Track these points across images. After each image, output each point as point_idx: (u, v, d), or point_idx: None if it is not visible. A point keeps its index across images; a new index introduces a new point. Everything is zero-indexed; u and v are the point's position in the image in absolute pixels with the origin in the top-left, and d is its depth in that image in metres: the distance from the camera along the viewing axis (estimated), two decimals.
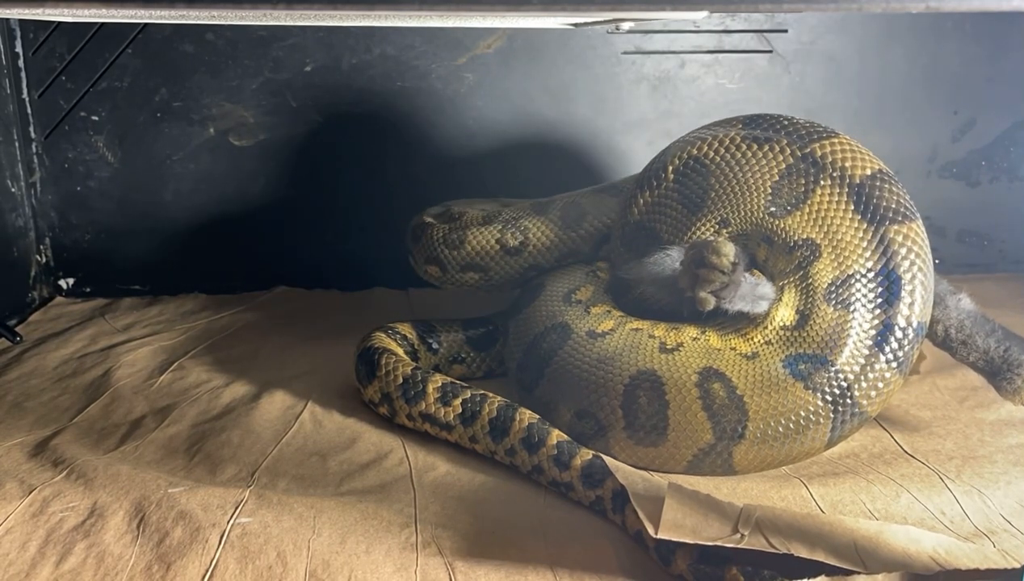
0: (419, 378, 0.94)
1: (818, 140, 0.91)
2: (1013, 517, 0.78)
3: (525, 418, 0.87)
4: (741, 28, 1.40)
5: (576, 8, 0.59)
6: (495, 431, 0.87)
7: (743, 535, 0.68)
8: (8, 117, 1.33)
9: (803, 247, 0.87)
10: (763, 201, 0.90)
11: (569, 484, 0.82)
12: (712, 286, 0.84)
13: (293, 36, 1.35)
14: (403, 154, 1.40)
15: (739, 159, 0.92)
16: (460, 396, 0.91)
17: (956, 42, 1.42)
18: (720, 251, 0.83)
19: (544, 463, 0.83)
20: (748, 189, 0.91)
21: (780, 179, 0.90)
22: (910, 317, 0.85)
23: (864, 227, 0.87)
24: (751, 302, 0.86)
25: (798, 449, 0.84)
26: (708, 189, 0.92)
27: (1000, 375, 0.87)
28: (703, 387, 0.84)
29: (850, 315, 0.85)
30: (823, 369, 0.84)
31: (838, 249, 0.86)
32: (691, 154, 0.95)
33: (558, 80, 1.40)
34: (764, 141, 0.92)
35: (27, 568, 0.71)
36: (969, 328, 0.89)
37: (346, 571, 0.70)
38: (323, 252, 1.44)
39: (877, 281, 0.86)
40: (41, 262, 1.41)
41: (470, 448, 0.90)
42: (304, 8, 0.62)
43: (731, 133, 0.94)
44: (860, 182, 0.88)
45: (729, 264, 0.83)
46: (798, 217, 0.88)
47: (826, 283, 0.86)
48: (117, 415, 0.99)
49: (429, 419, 0.92)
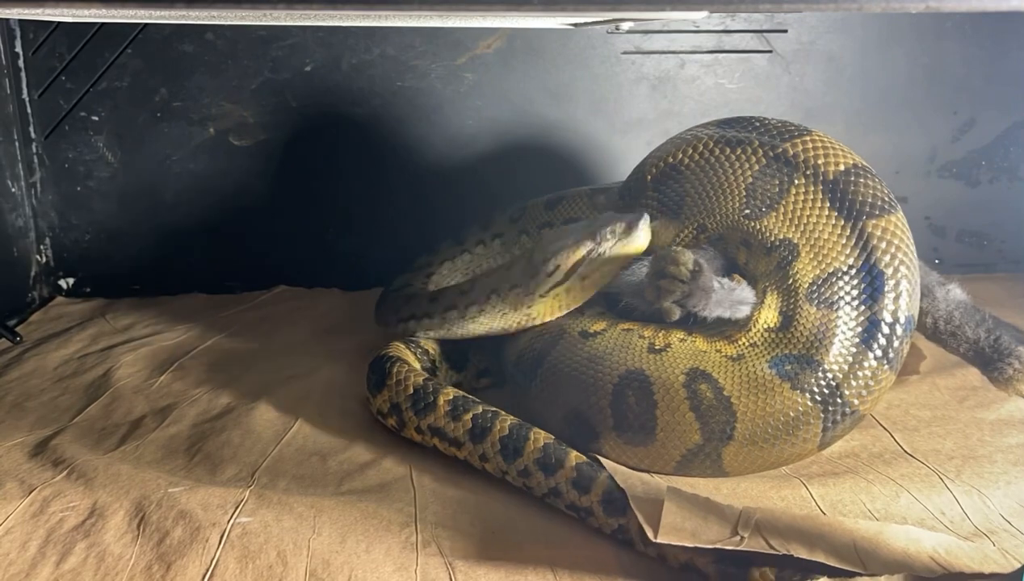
0: (431, 389, 0.90)
1: (790, 139, 0.91)
2: (1013, 517, 0.78)
3: (540, 438, 0.83)
4: (741, 28, 1.40)
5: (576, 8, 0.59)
6: (506, 450, 0.83)
7: (742, 537, 0.68)
8: (8, 117, 1.33)
9: (781, 247, 0.87)
10: (738, 204, 0.89)
11: (588, 509, 0.77)
12: (673, 296, 0.84)
13: (293, 36, 1.35)
14: (403, 154, 1.40)
15: (712, 163, 0.92)
16: (471, 411, 0.87)
17: (956, 42, 1.43)
18: (678, 261, 0.83)
19: (562, 486, 0.79)
20: (723, 193, 0.90)
21: (754, 181, 0.89)
22: (896, 311, 0.84)
23: (842, 224, 0.86)
24: (730, 308, 0.85)
25: (790, 450, 0.84)
26: (684, 195, 0.92)
27: (991, 365, 0.86)
28: (690, 388, 0.84)
29: (834, 314, 0.84)
30: (810, 369, 0.83)
31: (816, 247, 0.86)
32: (667, 162, 0.95)
33: (558, 80, 1.40)
34: (737, 143, 0.92)
35: (27, 568, 0.71)
36: (959, 319, 0.88)
37: (346, 570, 0.70)
38: (323, 252, 1.44)
39: (860, 277, 0.85)
40: (41, 262, 1.41)
41: (480, 467, 0.86)
42: (304, 8, 0.62)
43: (703, 137, 0.94)
44: (834, 178, 0.88)
45: (687, 273, 0.83)
46: (774, 218, 0.88)
47: (807, 282, 0.85)
48: (117, 415, 0.99)
49: (438, 433, 0.88)
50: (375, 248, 1.43)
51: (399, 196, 1.41)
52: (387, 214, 1.42)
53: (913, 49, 1.43)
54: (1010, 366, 0.84)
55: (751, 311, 0.86)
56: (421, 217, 1.42)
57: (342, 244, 1.44)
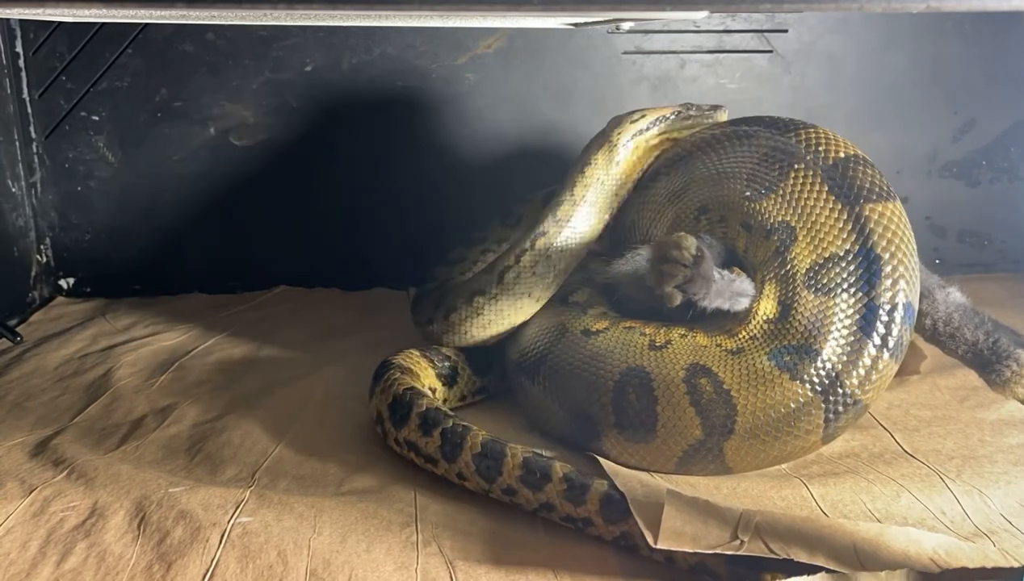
0: (408, 399, 0.86)
1: (795, 130, 0.93)
2: (1013, 517, 0.78)
3: (518, 453, 0.79)
4: (741, 28, 1.40)
5: (576, 8, 0.59)
6: (483, 469, 0.80)
7: (742, 541, 0.68)
8: (8, 117, 1.33)
9: (779, 230, 0.87)
10: (740, 186, 0.90)
11: (587, 520, 0.75)
12: (676, 280, 0.83)
13: (293, 36, 1.35)
14: (403, 154, 1.40)
15: (716, 149, 0.94)
16: (440, 425, 0.83)
17: (956, 42, 1.42)
18: (680, 245, 0.83)
19: (554, 500, 0.76)
20: (726, 176, 0.92)
21: (756, 165, 0.90)
22: (894, 297, 0.84)
23: (839, 207, 0.86)
24: (729, 299, 0.85)
25: (792, 443, 0.84)
26: (689, 181, 0.94)
27: (989, 367, 0.85)
28: (690, 383, 0.84)
29: (832, 300, 0.84)
30: (808, 359, 0.83)
31: (813, 230, 0.86)
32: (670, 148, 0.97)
33: (558, 80, 1.40)
34: (743, 134, 0.94)
35: (28, 568, 0.71)
36: (957, 321, 0.87)
37: (347, 570, 0.70)
38: (324, 252, 1.44)
39: (856, 262, 0.84)
40: (42, 262, 1.41)
41: (459, 485, 0.82)
42: (304, 8, 0.62)
43: (714, 128, 0.96)
44: (834, 164, 0.88)
45: (690, 257, 0.83)
46: (773, 199, 0.88)
47: (805, 268, 0.85)
48: (118, 415, 0.99)
49: (414, 448, 0.85)
50: (376, 248, 1.43)
51: (400, 196, 1.41)
52: (388, 214, 1.42)
53: (914, 49, 1.43)
54: (1008, 368, 0.84)
55: (750, 303, 0.86)
56: (422, 217, 1.42)
57: (343, 244, 1.44)
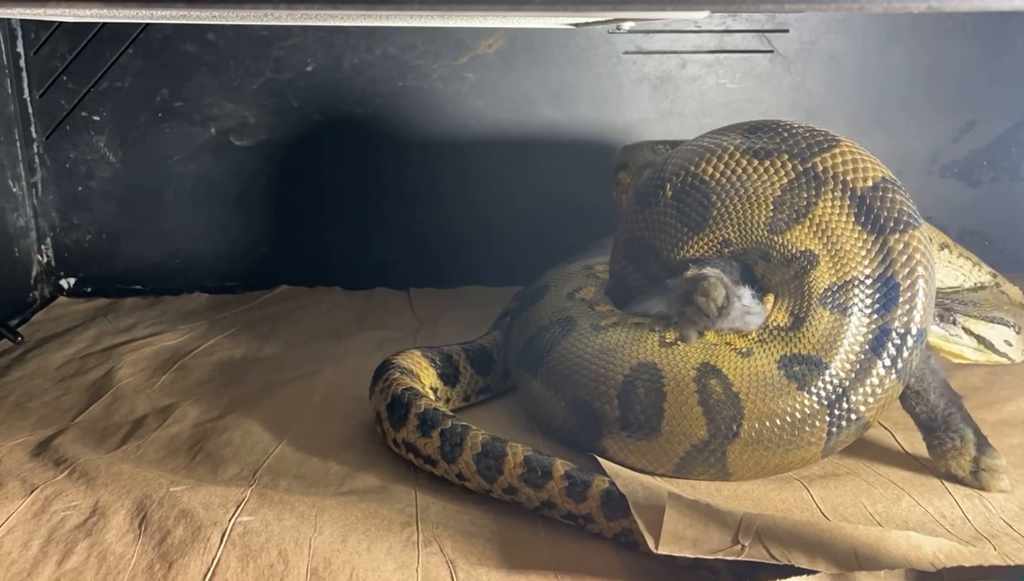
0: (406, 399, 0.86)
1: (819, 152, 0.88)
2: (1014, 521, 0.78)
3: (519, 452, 0.79)
4: (742, 28, 1.40)
5: (577, 8, 0.59)
6: (484, 469, 0.80)
7: (743, 546, 0.68)
8: (9, 117, 1.34)
9: (801, 258, 0.87)
10: (764, 218, 0.88)
11: (588, 516, 0.75)
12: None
13: (294, 36, 1.35)
14: (404, 154, 1.41)
15: (740, 175, 0.88)
16: (439, 426, 0.82)
17: (957, 42, 1.42)
18: (709, 294, 0.82)
19: (555, 497, 0.77)
20: (749, 207, 0.88)
21: (782, 194, 0.87)
22: (908, 323, 0.84)
23: (864, 237, 0.86)
24: (741, 320, 0.86)
25: (794, 453, 0.84)
26: (709, 207, 0.90)
27: (934, 434, 0.86)
28: (701, 382, 0.84)
29: (846, 319, 0.84)
30: (818, 371, 0.83)
31: (837, 258, 0.86)
32: (690, 172, 0.91)
33: (559, 80, 1.40)
34: (764, 156, 0.89)
35: (29, 567, 0.71)
36: (927, 382, 0.89)
37: (347, 569, 0.70)
38: (325, 251, 1.44)
39: (875, 287, 0.85)
40: (43, 262, 1.42)
41: (459, 485, 0.82)
42: (305, 8, 0.62)
43: (730, 148, 0.90)
44: (862, 194, 0.87)
45: (716, 311, 0.82)
46: (798, 230, 0.87)
47: (823, 287, 0.85)
48: (119, 415, 0.99)
49: (412, 449, 0.85)
50: (377, 248, 1.43)
51: (401, 196, 1.42)
52: (390, 214, 1.42)
53: (914, 49, 1.43)
54: (951, 440, 0.85)
55: (760, 322, 0.86)
56: (423, 216, 1.42)
57: (344, 244, 1.44)
